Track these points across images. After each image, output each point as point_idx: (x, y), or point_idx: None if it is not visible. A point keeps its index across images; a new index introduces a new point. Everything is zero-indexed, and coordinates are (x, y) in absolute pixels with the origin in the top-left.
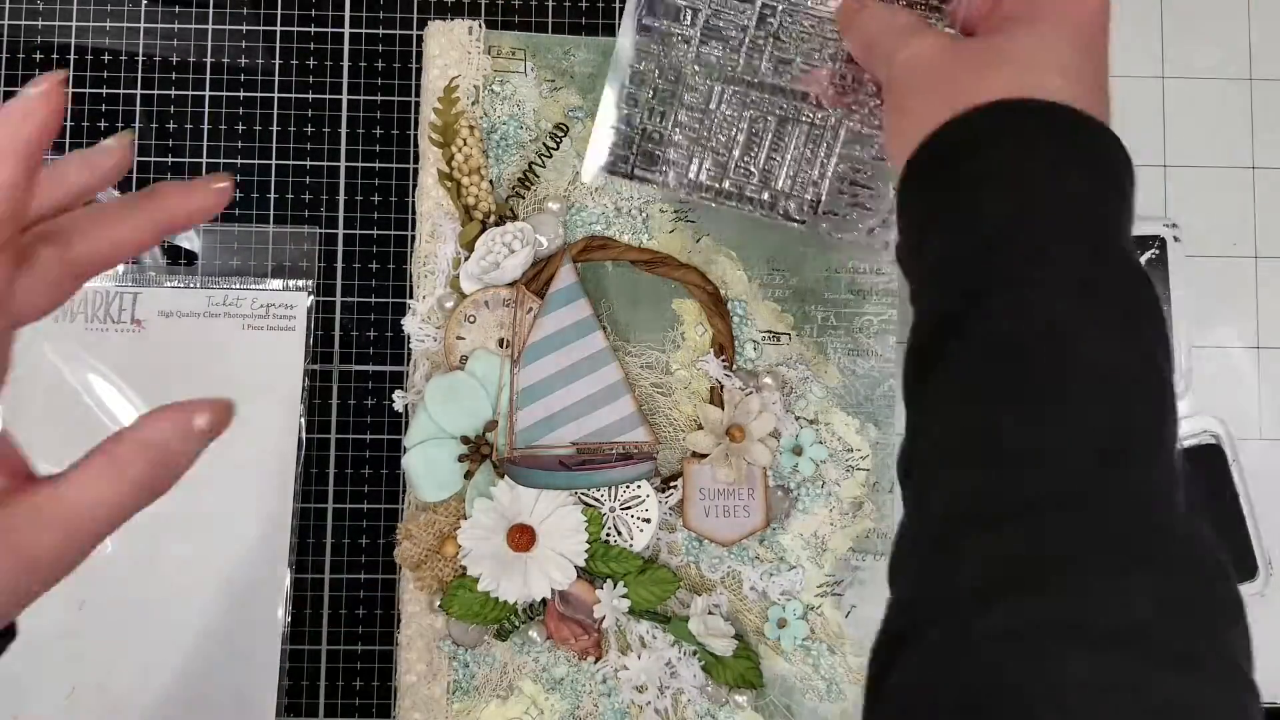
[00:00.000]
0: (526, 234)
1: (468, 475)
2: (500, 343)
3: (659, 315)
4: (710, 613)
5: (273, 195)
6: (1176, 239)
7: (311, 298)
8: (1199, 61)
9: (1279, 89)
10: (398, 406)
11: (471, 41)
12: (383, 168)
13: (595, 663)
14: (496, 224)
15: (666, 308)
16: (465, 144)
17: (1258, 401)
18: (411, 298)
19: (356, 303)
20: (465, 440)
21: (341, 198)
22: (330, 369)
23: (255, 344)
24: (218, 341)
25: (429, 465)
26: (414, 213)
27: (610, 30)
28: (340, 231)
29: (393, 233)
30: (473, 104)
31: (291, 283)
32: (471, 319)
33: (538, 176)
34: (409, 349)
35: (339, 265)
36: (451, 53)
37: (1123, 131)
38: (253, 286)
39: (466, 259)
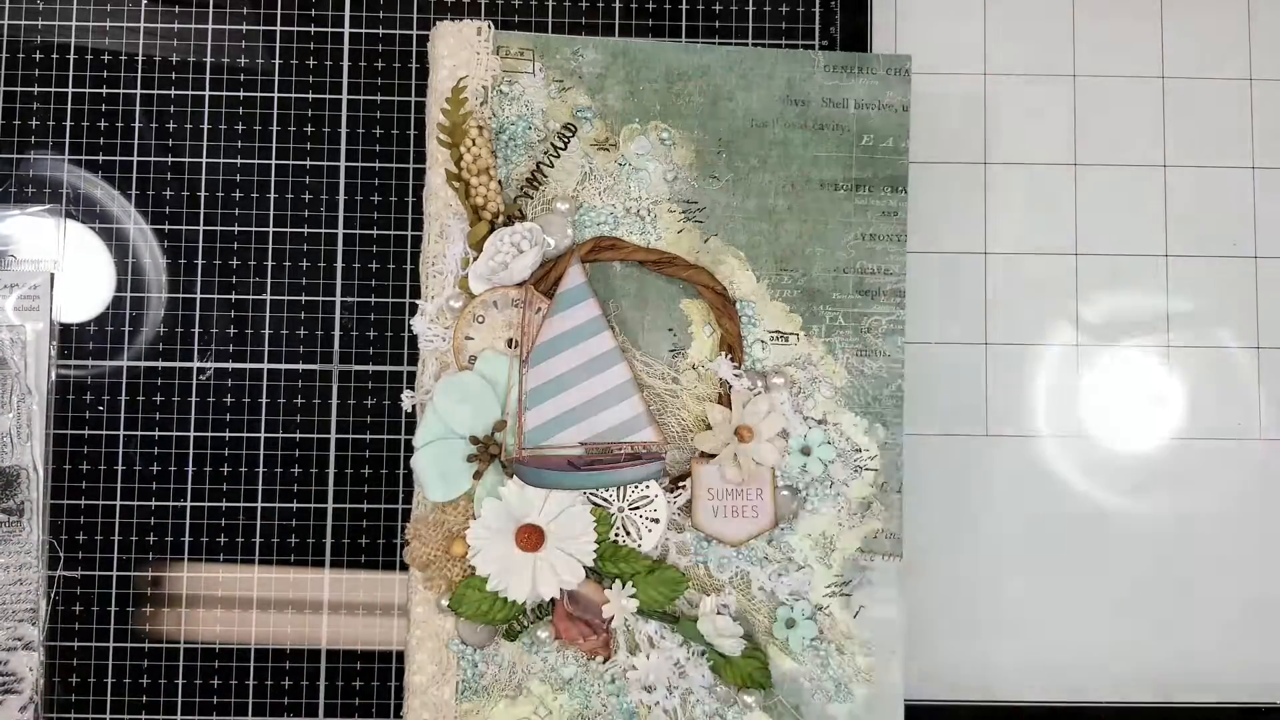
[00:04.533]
0: (535, 234)
1: (476, 475)
2: (509, 343)
3: (667, 315)
4: (719, 613)
5: (273, 195)
6: None
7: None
8: (1199, 61)
9: (1279, 89)
10: (406, 406)
11: (480, 42)
12: (383, 168)
13: (604, 662)
14: (505, 224)
15: (675, 308)
16: (474, 144)
17: (1258, 401)
18: (419, 298)
19: (356, 302)
20: (474, 440)
21: (341, 198)
22: (330, 369)
23: None
24: None
25: (438, 465)
26: (414, 212)
27: (613, 30)
28: (340, 231)
29: (392, 232)
30: (481, 104)
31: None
32: (480, 319)
33: (546, 177)
34: (419, 349)
35: (339, 265)
36: (460, 53)
37: (1123, 132)
38: None
39: (475, 259)
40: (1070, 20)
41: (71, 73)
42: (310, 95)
